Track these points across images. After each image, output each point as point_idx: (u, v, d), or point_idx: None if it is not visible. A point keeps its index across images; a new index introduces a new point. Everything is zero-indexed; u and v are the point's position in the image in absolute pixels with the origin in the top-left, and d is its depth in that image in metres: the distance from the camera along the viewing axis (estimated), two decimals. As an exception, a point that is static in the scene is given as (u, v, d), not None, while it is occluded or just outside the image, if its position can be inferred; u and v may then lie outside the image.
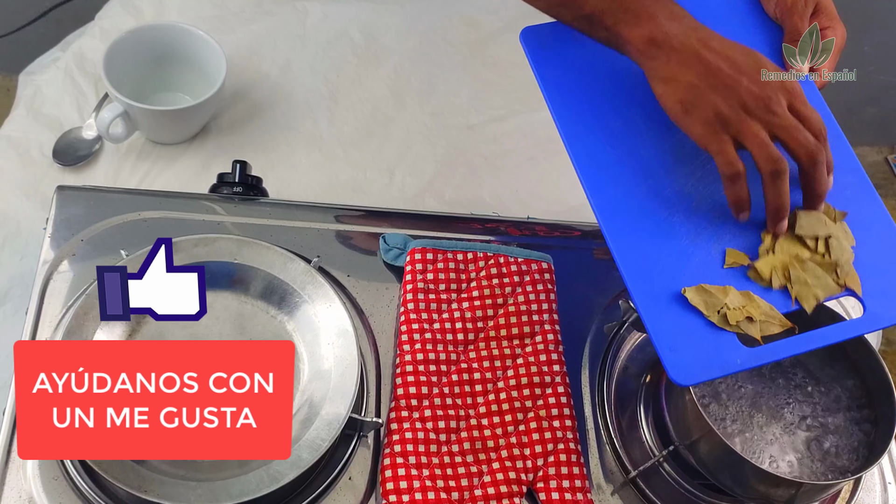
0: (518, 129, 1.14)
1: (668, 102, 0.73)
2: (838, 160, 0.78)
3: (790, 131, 0.71)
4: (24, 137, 1.02)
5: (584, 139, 0.77)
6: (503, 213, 0.99)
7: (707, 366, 0.70)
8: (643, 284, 0.72)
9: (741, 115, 0.71)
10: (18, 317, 0.87)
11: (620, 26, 0.73)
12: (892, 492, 0.84)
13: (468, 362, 0.83)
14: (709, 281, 0.72)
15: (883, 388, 0.78)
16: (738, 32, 0.81)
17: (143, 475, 0.68)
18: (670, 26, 0.72)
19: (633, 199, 0.75)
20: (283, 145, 1.07)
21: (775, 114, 0.71)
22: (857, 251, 0.76)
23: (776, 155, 0.71)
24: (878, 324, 0.74)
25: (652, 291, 0.72)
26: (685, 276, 0.72)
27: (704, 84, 0.71)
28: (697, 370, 0.70)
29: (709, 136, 0.72)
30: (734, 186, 0.72)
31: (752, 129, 0.71)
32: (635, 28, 0.73)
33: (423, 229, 0.91)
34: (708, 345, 0.71)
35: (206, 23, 1.12)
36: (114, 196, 0.88)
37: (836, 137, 0.80)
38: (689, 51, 0.72)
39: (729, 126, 0.71)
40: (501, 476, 0.77)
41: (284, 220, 0.89)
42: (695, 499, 0.81)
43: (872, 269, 0.75)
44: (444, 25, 1.21)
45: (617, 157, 0.77)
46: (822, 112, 0.81)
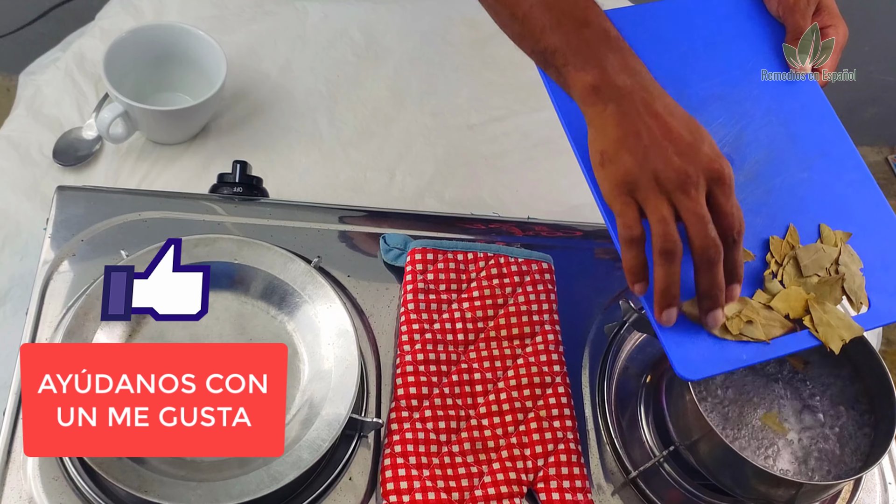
0: (518, 129, 1.14)
1: (592, 151, 0.70)
2: (841, 157, 0.78)
3: (693, 217, 0.67)
4: (24, 137, 1.02)
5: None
6: (503, 214, 0.99)
7: (713, 361, 0.70)
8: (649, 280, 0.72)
9: (651, 184, 0.67)
10: (18, 317, 0.87)
11: (568, 68, 0.71)
12: (892, 492, 0.84)
13: (468, 362, 0.83)
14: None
15: (883, 388, 0.78)
16: (742, 30, 0.81)
17: (143, 475, 0.68)
18: (618, 78, 0.69)
19: None
20: (283, 145, 1.07)
21: (687, 194, 0.67)
22: (859, 246, 0.75)
23: (671, 234, 0.67)
24: (882, 320, 0.75)
25: None
26: (691, 270, 0.72)
27: (628, 143, 0.68)
28: (703, 365, 0.70)
29: (615, 195, 0.69)
30: (630, 251, 0.69)
31: (655, 202, 0.67)
32: (581, 73, 0.70)
33: (424, 229, 0.91)
34: (714, 340, 0.71)
35: (206, 23, 1.12)
36: (114, 196, 0.88)
37: (838, 135, 0.80)
38: (628, 106, 0.69)
39: (636, 192, 0.68)
40: (502, 476, 0.77)
41: (285, 221, 0.89)
42: (695, 499, 0.81)
43: (874, 266, 0.75)
44: (444, 25, 1.21)
45: None
46: (824, 110, 0.81)
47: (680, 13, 0.82)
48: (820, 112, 0.81)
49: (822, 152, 0.78)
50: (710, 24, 0.81)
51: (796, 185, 0.73)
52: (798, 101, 0.80)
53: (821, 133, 0.80)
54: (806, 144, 0.79)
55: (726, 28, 0.75)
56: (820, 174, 0.77)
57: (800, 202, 0.74)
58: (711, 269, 0.68)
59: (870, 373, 0.79)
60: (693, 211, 0.67)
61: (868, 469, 0.76)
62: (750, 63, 0.81)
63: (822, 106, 0.81)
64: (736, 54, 0.82)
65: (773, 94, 0.81)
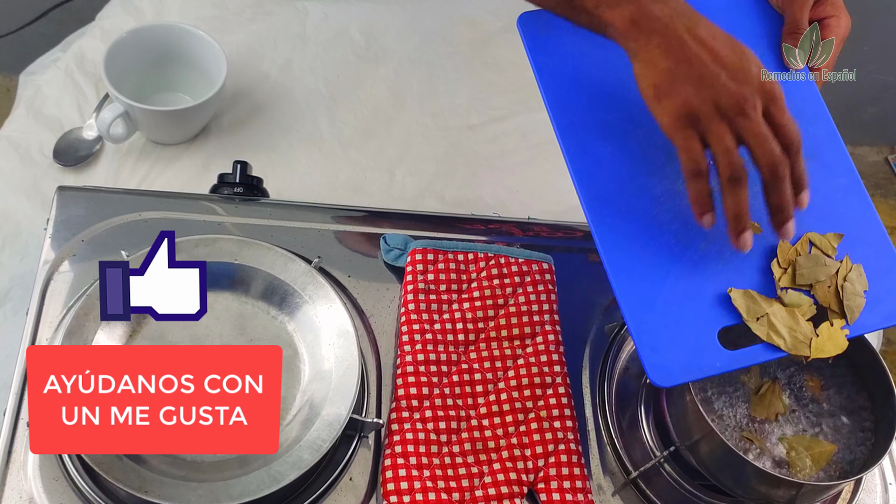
0: (518, 129, 1.14)
1: (643, 85, 0.71)
2: (832, 160, 0.78)
3: (758, 139, 0.69)
4: (24, 138, 1.02)
5: (576, 131, 0.76)
6: (504, 214, 0.99)
7: (687, 368, 0.70)
8: (627, 283, 0.72)
9: (712, 112, 0.69)
10: (19, 317, 0.87)
11: (602, 8, 0.71)
12: (892, 492, 0.84)
13: (469, 363, 0.83)
14: (699, 283, 0.72)
15: (883, 388, 0.78)
16: (739, 24, 0.80)
17: (143, 476, 0.68)
18: (654, 8, 0.70)
19: (622, 196, 0.75)
20: (283, 145, 1.07)
21: (747, 117, 0.69)
22: (848, 250, 0.75)
23: (737, 162, 0.69)
24: (860, 329, 0.74)
25: (636, 290, 0.72)
26: (671, 276, 0.72)
27: (681, 72, 0.69)
28: (677, 372, 0.70)
29: (676, 128, 0.70)
30: (696, 183, 0.70)
31: (718, 131, 0.69)
32: (616, 9, 0.70)
33: (424, 230, 0.91)
34: (689, 346, 0.70)
35: (206, 23, 1.11)
36: (114, 196, 0.88)
37: (831, 137, 0.80)
38: (672, 35, 0.69)
39: (698, 122, 0.69)
40: (502, 476, 0.77)
41: (285, 221, 0.89)
42: (695, 499, 0.81)
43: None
44: (444, 25, 1.21)
45: (609, 150, 0.76)
46: (819, 111, 0.81)
47: None
48: (814, 112, 0.81)
49: (814, 154, 0.77)
50: (710, 16, 0.81)
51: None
52: (792, 101, 0.79)
53: (814, 134, 0.79)
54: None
55: (723, 21, 0.75)
56: (811, 177, 0.77)
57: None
58: (781, 183, 0.70)
59: (870, 373, 0.79)
60: (757, 133, 0.69)
61: (868, 469, 0.76)
62: None
63: (816, 106, 0.81)
64: None
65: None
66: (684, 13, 0.70)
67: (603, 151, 0.76)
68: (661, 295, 0.71)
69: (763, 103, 0.69)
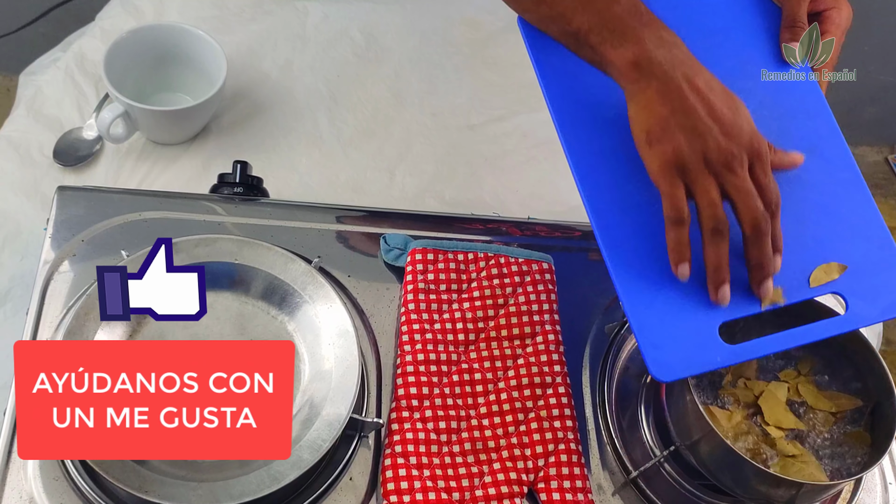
0: (518, 129, 1.14)
1: (636, 129, 0.71)
2: (833, 156, 0.78)
3: (743, 194, 0.69)
4: (24, 138, 1.02)
5: (577, 128, 0.76)
6: (504, 214, 0.99)
7: (688, 362, 0.71)
8: (629, 278, 0.72)
9: (700, 165, 0.69)
10: (19, 317, 0.87)
11: (605, 46, 0.71)
12: (892, 492, 0.84)
13: (469, 362, 0.83)
14: (700, 278, 0.72)
15: (883, 388, 0.78)
16: (739, 20, 0.80)
17: (143, 475, 0.68)
18: (657, 53, 0.70)
19: (623, 192, 0.75)
20: (283, 145, 1.07)
21: (734, 173, 0.69)
22: (845, 247, 0.75)
23: (721, 215, 0.69)
24: (858, 322, 0.75)
25: (637, 286, 0.72)
26: (671, 272, 0.72)
27: (675, 122, 0.69)
28: (678, 367, 0.70)
29: (663, 175, 0.70)
30: (675, 231, 0.70)
31: (705, 183, 0.69)
32: (620, 49, 0.71)
33: (424, 229, 0.91)
34: (690, 341, 0.71)
35: (206, 23, 1.11)
36: (114, 196, 0.88)
37: (832, 133, 0.80)
38: (671, 82, 0.70)
39: (685, 172, 0.69)
40: (502, 476, 0.77)
41: (285, 221, 0.89)
42: (695, 499, 0.81)
43: (858, 267, 0.75)
44: (444, 25, 1.20)
45: (610, 147, 0.76)
46: (819, 106, 0.80)
47: (677, 1, 0.81)
48: (815, 107, 0.80)
49: (814, 149, 0.77)
50: (706, 13, 0.81)
51: (784, 183, 0.73)
52: (793, 96, 0.79)
53: (814, 129, 0.79)
54: (798, 141, 0.78)
55: (723, 17, 0.75)
56: (810, 172, 0.77)
57: (787, 200, 0.74)
58: (762, 240, 0.71)
59: (870, 373, 0.79)
60: (742, 188, 0.70)
61: (868, 469, 0.76)
62: (745, 54, 0.80)
63: (817, 101, 0.80)
64: (732, 44, 0.80)
65: (768, 88, 0.80)
66: (685, 62, 0.71)
67: (604, 148, 0.76)
68: (662, 291, 0.72)
69: (749, 160, 0.70)
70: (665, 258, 0.72)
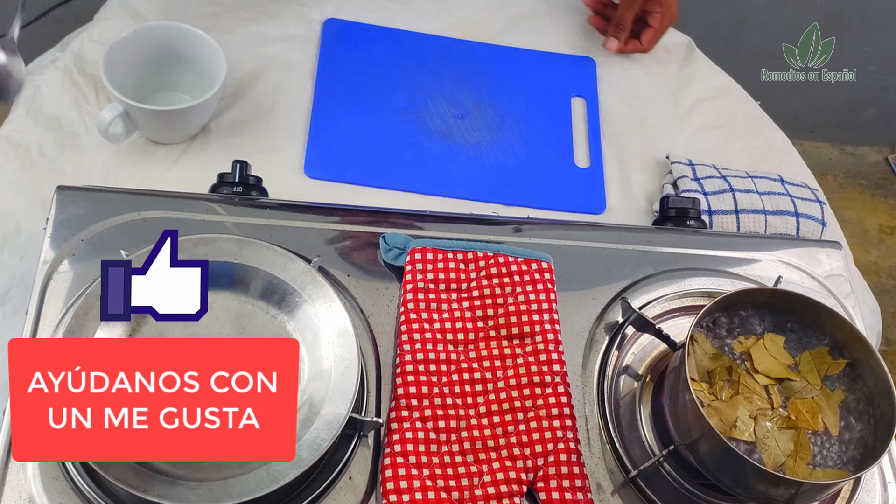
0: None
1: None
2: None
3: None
4: (23, 137, 1.02)
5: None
6: (503, 213, 0.99)
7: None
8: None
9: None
10: (18, 317, 0.87)
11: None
12: (892, 491, 0.84)
13: (468, 362, 0.83)
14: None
15: (883, 388, 0.78)
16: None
17: (143, 475, 0.68)
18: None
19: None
20: (283, 145, 1.07)
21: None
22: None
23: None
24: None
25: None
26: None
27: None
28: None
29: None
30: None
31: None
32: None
33: (424, 229, 0.91)
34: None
35: (205, 22, 1.12)
36: (114, 196, 0.88)
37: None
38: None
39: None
40: (501, 476, 0.77)
41: (284, 220, 0.89)
42: (695, 498, 0.81)
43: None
44: (443, 28, 1.21)
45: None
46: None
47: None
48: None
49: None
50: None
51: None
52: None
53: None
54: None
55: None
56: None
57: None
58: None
59: (870, 373, 0.79)
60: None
61: (868, 468, 0.76)
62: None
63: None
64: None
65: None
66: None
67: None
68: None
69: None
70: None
